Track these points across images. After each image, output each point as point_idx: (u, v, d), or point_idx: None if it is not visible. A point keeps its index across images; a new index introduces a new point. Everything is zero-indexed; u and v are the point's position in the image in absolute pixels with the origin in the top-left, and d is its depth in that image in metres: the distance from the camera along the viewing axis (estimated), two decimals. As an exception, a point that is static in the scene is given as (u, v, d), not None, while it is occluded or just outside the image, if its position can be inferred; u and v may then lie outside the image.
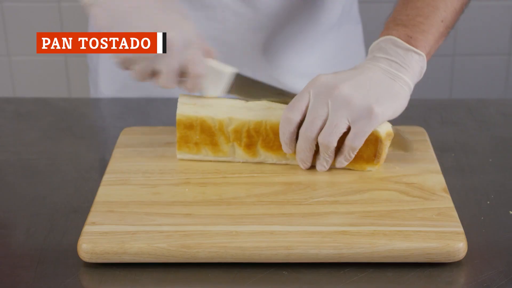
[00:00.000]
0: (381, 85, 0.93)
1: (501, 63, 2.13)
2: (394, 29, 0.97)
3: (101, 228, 0.86)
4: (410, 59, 0.95)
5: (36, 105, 1.23)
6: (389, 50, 0.96)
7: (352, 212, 0.89)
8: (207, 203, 0.91)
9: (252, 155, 0.99)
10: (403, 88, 0.95)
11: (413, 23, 0.97)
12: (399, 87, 0.94)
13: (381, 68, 0.95)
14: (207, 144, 0.99)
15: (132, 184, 0.95)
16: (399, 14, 0.99)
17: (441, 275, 0.82)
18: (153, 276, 0.83)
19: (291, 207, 0.90)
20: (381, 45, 0.96)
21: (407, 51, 0.95)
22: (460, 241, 0.83)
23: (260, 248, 0.83)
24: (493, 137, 1.13)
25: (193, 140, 0.98)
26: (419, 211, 0.89)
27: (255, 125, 0.97)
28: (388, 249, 0.83)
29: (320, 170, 0.97)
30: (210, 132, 0.98)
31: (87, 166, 1.05)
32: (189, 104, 0.98)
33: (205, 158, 1.00)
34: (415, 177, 0.96)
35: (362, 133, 0.93)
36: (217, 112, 0.97)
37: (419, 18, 0.97)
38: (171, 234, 0.85)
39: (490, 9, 2.06)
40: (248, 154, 0.99)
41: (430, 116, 1.20)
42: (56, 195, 0.98)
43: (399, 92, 0.94)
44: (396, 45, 0.95)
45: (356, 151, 0.94)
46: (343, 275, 0.82)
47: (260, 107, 0.98)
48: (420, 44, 0.96)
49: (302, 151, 0.95)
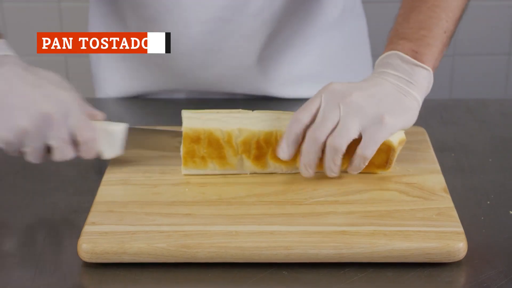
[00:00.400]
0: (392, 98, 0.93)
1: (501, 63, 2.13)
2: (399, 43, 0.96)
3: (101, 228, 0.86)
4: (418, 74, 0.94)
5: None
6: (396, 66, 0.94)
7: (352, 212, 0.89)
8: (207, 203, 0.91)
9: (261, 166, 0.97)
10: (412, 103, 0.94)
11: (417, 37, 0.96)
12: (409, 102, 0.93)
13: (391, 82, 0.94)
14: (214, 158, 0.96)
15: (132, 184, 0.95)
16: (401, 27, 0.98)
17: (441, 275, 0.82)
18: (153, 276, 0.83)
19: (291, 207, 0.90)
20: (387, 61, 0.95)
21: (415, 66, 0.94)
22: (460, 241, 0.83)
23: (260, 248, 0.83)
24: (493, 137, 1.13)
25: (200, 154, 0.96)
26: (419, 211, 0.89)
27: (265, 135, 0.95)
28: (388, 249, 0.83)
29: (330, 175, 0.94)
30: (217, 145, 0.96)
31: (87, 166, 1.05)
32: (195, 118, 0.96)
33: (212, 172, 0.97)
34: (415, 177, 0.96)
35: (373, 142, 0.91)
36: (225, 124, 0.95)
37: (423, 32, 0.96)
38: (171, 234, 0.85)
39: (490, 9, 2.06)
40: (257, 166, 0.97)
41: (430, 116, 1.19)
42: (56, 195, 0.98)
43: (409, 106, 0.93)
44: (403, 60, 0.94)
45: (367, 161, 0.93)
46: (343, 275, 0.82)
47: (269, 117, 0.96)
48: (426, 58, 0.95)
49: (308, 154, 0.92)
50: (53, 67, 2.20)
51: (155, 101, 1.27)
